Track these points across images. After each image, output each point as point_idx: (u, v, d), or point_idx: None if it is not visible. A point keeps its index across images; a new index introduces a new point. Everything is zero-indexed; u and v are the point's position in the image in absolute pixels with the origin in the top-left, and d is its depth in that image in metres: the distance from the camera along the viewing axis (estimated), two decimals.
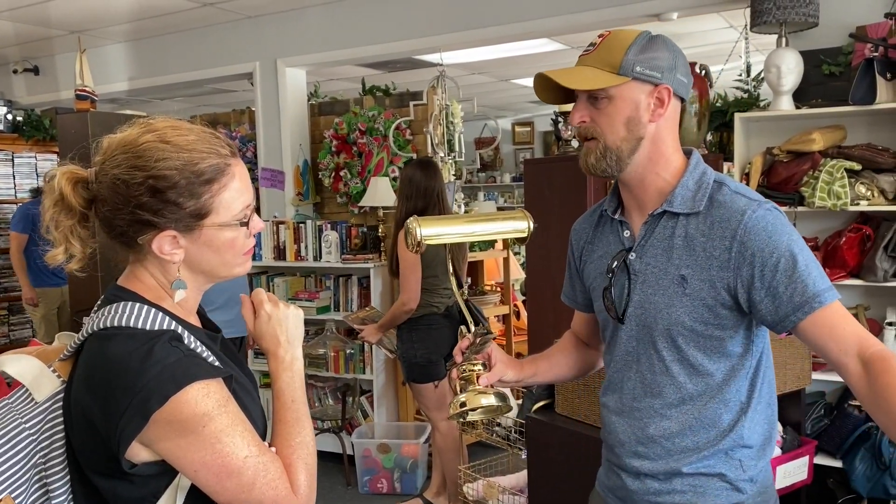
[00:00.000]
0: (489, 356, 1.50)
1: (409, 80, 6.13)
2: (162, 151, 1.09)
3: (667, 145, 1.38)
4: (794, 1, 3.06)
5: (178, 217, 1.10)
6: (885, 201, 3.00)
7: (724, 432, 1.38)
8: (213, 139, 1.15)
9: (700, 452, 1.38)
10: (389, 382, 4.61)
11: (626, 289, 1.41)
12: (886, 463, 2.94)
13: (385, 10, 4.58)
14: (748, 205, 1.32)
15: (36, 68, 6.12)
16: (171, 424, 1.03)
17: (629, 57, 1.33)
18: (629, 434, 1.44)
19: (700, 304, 1.34)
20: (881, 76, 2.92)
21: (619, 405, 1.47)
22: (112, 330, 1.07)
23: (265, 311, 1.23)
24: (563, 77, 1.37)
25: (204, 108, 8.08)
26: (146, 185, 1.08)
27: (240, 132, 5.37)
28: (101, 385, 1.04)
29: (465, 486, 3.00)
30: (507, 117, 10.65)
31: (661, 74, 1.34)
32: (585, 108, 1.38)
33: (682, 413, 1.39)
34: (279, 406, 1.19)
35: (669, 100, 1.36)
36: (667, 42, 1.38)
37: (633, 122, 1.35)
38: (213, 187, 1.12)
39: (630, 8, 3.80)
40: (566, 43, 5.82)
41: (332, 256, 4.64)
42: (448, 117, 4.52)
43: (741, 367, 1.38)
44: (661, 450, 1.41)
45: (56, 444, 1.09)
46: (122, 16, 5.00)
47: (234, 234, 1.15)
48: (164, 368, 1.03)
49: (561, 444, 2.44)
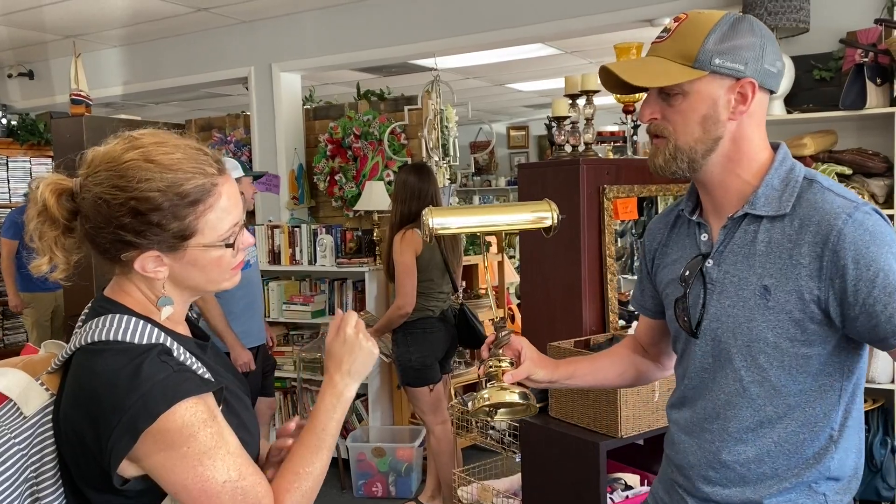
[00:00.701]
0: (519, 353, 1.41)
1: (404, 85, 6.15)
2: (145, 171, 1.06)
3: (751, 143, 1.23)
4: (786, 7, 3.09)
5: (161, 238, 1.08)
6: (877, 205, 3.02)
7: (810, 462, 1.23)
8: (200, 156, 1.11)
9: (781, 483, 1.24)
10: (384, 386, 4.62)
11: (701, 299, 1.27)
12: (878, 465, 2.96)
13: (380, 15, 4.60)
14: (844, 206, 1.16)
15: (31, 73, 6.12)
16: (156, 442, 1.02)
17: (708, 46, 1.17)
18: (699, 456, 1.31)
19: (785, 318, 1.19)
20: (871, 81, 2.94)
21: (690, 424, 1.33)
22: (100, 345, 1.06)
23: (346, 332, 1.21)
24: (629, 72, 1.24)
25: (199, 112, 8.08)
26: (128, 206, 1.06)
27: (235, 136, 5.38)
28: (90, 402, 1.03)
29: (459, 490, 3.01)
30: (502, 121, 10.68)
31: (745, 66, 1.18)
32: (656, 102, 1.23)
33: (759, 437, 1.24)
34: (308, 427, 1.17)
35: (754, 94, 1.20)
36: (753, 25, 1.20)
37: (711, 121, 1.20)
38: (199, 209, 1.09)
39: (623, 13, 3.82)
40: (560, 48, 5.84)
41: (327, 260, 4.64)
42: (443, 121, 4.53)
43: (831, 389, 1.22)
44: (736, 476, 1.26)
45: (47, 457, 1.08)
46: (116, 20, 5.01)
47: (220, 252, 1.13)
48: (153, 386, 1.02)
49: (555, 448, 2.45)
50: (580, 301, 2.82)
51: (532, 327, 3.00)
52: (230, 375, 1.24)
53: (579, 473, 2.35)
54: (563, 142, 3.09)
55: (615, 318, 2.86)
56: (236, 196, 1.15)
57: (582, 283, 2.81)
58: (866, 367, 1.29)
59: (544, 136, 9.51)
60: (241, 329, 3.59)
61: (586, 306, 2.83)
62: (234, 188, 1.15)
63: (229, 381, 1.21)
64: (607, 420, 2.33)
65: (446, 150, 4.54)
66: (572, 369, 1.50)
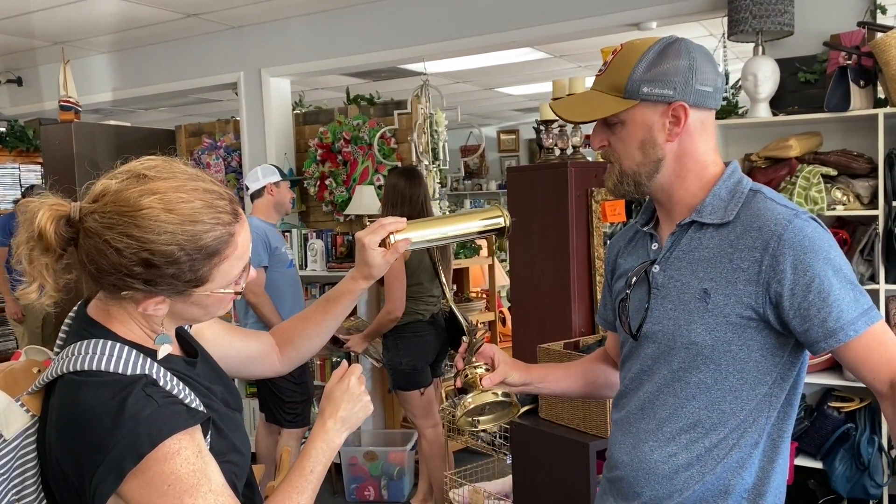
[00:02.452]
0: (492, 358, 1.44)
1: (394, 90, 6.17)
2: (164, 224, 1.02)
3: (695, 160, 1.28)
4: (770, 10, 3.12)
5: (172, 288, 1.06)
6: (861, 206, 3.05)
7: (734, 468, 1.26)
8: (217, 202, 1.07)
9: (705, 486, 1.27)
10: (376, 390, 4.62)
11: (645, 303, 1.32)
12: (865, 463, 2.99)
13: (369, 19, 4.61)
14: (785, 213, 1.21)
15: (19, 79, 6.11)
16: (137, 478, 1.00)
17: (635, 76, 1.23)
18: (633, 455, 1.34)
19: (723, 321, 1.22)
20: (855, 84, 2.98)
21: (625, 423, 1.38)
22: (84, 375, 1.03)
23: (349, 381, 1.24)
24: (566, 110, 1.32)
25: (189, 117, 8.07)
26: (140, 257, 1.02)
27: (225, 142, 5.38)
28: (73, 438, 1.01)
29: (451, 492, 3.02)
30: (493, 125, 10.70)
31: (674, 91, 1.23)
32: (602, 132, 1.30)
33: (691, 440, 1.28)
34: (296, 467, 1.18)
35: (687, 116, 1.24)
36: (681, 49, 1.25)
37: (649, 145, 1.26)
38: (215, 260, 1.07)
39: (610, 17, 3.85)
40: (549, 52, 5.87)
41: (318, 265, 4.65)
42: (432, 126, 4.55)
43: (766, 398, 1.25)
44: (664, 477, 1.30)
45: (28, 479, 1.06)
46: (105, 27, 5.00)
47: (225, 294, 1.12)
48: (136, 424, 0.99)
49: (545, 449, 2.47)
50: (569, 303, 2.84)
51: (522, 329, 3.02)
52: (220, 388, 1.22)
53: (570, 474, 2.37)
54: (552, 145, 3.11)
55: None
56: (248, 241, 1.13)
57: (571, 286, 2.83)
58: (803, 381, 1.31)
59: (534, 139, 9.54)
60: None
61: (575, 308, 2.85)
62: (247, 232, 1.13)
63: (220, 395, 1.20)
64: (597, 421, 2.35)
65: (436, 154, 4.56)
66: (544, 373, 1.54)
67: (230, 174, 5.32)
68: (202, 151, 5.43)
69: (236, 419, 1.21)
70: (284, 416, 3.74)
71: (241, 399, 1.30)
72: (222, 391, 1.22)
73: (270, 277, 3.71)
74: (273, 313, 3.65)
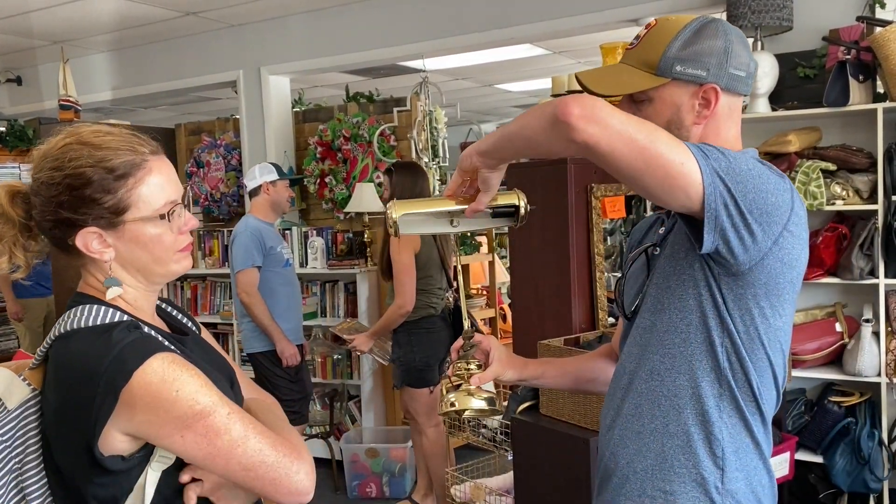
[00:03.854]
0: (487, 355, 1.44)
1: (393, 87, 6.17)
2: (77, 151, 1.13)
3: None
4: (769, 5, 3.12)
5: (97, 213, 1.13)
6: (860, 201, 3.06)
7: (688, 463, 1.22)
8: (133, 139, 1.17)
9: (671, 483, 1.23)
10: (377, 387, 4.63)
11: (642, 284, 1.30)
12: (866, 457, 2.99)
13: (368, 17, 4.61)
14: None
15: (19, 78, 6.11)
16: (143, 399, 1.04)
17: (669, 54, 1.20)
18: (607, 416, 1.36)
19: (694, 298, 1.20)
20: (854, 78, 2.98)
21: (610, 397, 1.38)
22: (72, 331, 1.11)
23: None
24: (594, 81, 1.27)
25: (188, 116, 8.07)
26: (63, 184, 1.12)
27: (224, 140, 5.38)
28: (69, 379, 1.07)
29: (452, 489, 3.03)
30: (492, 122, 10.70)
31: (707, 72, 1.20)
32: (628, 108, 1.25)
33: (652, 433, 1.25)
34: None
35: (717, 99, 1.21)
36: (719, 29, 1.21)
37: (675, 126, 1.22)
38: (129, 182, 1.14)
39: (609, 13, 3.85)
40: (548, 48, 5.87)
41: (318, 262, 4.66)
42: (432, 123, 4.55)
43: (712, 395, 1.21)
44: (629, 469, 1.27)
45: (30, 448, 1.11)
46: (104, 26, 5.00)
47: (160, 230, 1.17)
48: (122, 348, 1.06)
49: (546, 445, 2.47)
50: (569, 299, 2.84)
51: (522, 326, 3.02)
52: (212, 369, 1.23)
53: (570, 470, 2.37)
54: None
55: (604, 316, 2.89)
56: (171, 175, 1.20)
57: (571, 282, 2.83)
58: (771, 393, 1.25)
59: None
60: (285, 327, 3.73)
61: (575, 304, 2.85)
62: (168, 168, 1.20)
63: (210, 372, 1.21)
64: (598, 417, 2.35)
65: (436, 151, 4.56)
66: (542, 370, 1.52)
67: (230, 172, 5.32)
68: (202, 150, 5.43)
69: (227, 389, 1.21)
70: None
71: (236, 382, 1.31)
72: (211, 370, 1.23)
73: (265, 277, 3.71)
74: (264, 314, 3.65)
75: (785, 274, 1.18)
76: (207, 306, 5.27)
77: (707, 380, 1.21)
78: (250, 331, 3.75)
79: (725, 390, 1.21)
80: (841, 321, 3.18)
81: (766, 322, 1.20)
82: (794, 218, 1.16)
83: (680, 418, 1.22)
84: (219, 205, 5.36)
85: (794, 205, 1.16)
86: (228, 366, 1.33)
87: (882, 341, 3.03)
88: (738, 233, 1.11)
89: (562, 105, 1.05)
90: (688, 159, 1.07)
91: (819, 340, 3.14)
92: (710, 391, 1.21)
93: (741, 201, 1.10)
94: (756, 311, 1.19)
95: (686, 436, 1.22)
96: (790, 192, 1.16)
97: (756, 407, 1.23)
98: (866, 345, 3.02)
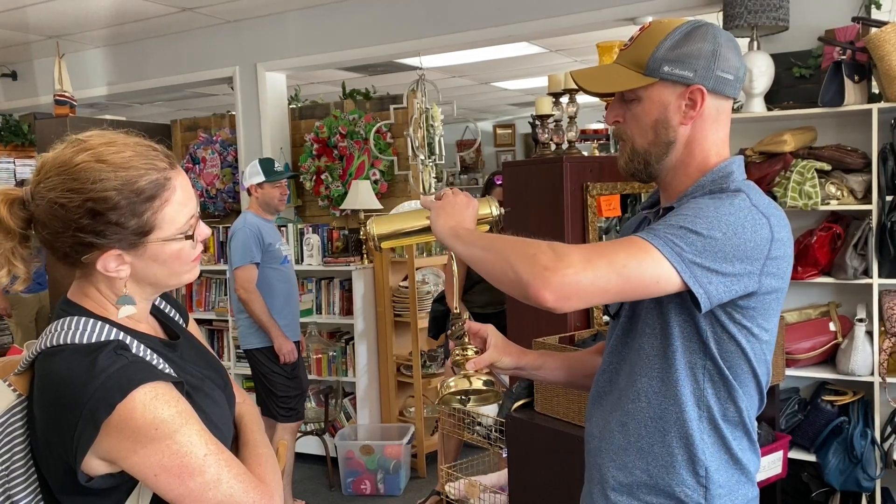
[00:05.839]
0: (484, 341, 1.46)
1: (390, 84, 6.17)
2: (98, 172, 1.07)
3: (702, 147, 1.27)
4: (765, 5, 3.13)
5: (121, 237, 1.09)
6: (855, 201, 3.07)
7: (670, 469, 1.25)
8: (150, 153, 1.12)
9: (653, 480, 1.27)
10: (372, 384, 4.63)
11: None
12: (858, 456, 3.01)
13: (365, 14, 4.61)
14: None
15: (14, 73, 6.09)
16: (122, 433, 1.02)
17: (658, 55, 1.23)
18: (597, 427, 1.37)
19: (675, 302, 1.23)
20: (849, 78, 2.99)
21: (595, 397, 1.40)
22: (58, 348, 1.07)
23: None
24: (587, 79, 1.31)
25: (184, 112, 8.06)
26: (85, 207, 1.07)
27: (220, 136, 5.38)
28: (51, 404, 1.04)
29: (447, 486, 3.03)
30: (489, 119, 10.70)
31: (695, 73, 1.22)
32: (619, 107, 1.30)
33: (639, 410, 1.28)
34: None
35: (703, 101, 1.24)
36: (708, 33, 1.24)
37: (662, 126, 1.26)
38: (155, 204, 1.10)
39: (606, 12, 3.86)
40: (545, 46, 5.87)
41: (314, 259, 4.66)
42: (428, 120, 4.55)
43: (691, 404, 1.24)
44: (623, 465, 1.30)
45: (16, 455, 1.09)
46: (100, 20, 4.99)
47: (180, 245, 1.14)
48: (108, 377, 1.02)
49: (540, 442, 2.48)
50: None
51: (518, 324, 3.03)
52: (206, 370, 1.24)
53: (565, 467, 2.38)
54: (547, 140, 3.12)
55: (599, 314, 2.90)
56: (188, 188, 1.17)
57: None
58: (754, 403, 1.28)
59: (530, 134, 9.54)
60: (282, 323, 3.74)
61: None
62: (185, 180, 1.17)
63: (204, 376, 1.21)
64: None
65: (432, 148, 4.56)
66: (541, 361, 1.54)
67: (225, 169, 5.31)
68: (198, 146, 5.42)
69: (214, 396, 1.21)
70: (278, 410, 3.75)
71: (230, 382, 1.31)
72: (205, 371, 1.23)
73: (263, 274, 3.71)
74: (263, 311, 3.65)
75: (772, 293, 1.22)
76: (202, 302, 5.26)
77: (690, 403, 1.24)
78: (247, 327, 3.75)
79: (705, 412, 1.25)
80: (835, 320, 3.19)
81: (753, 339, 1.24)
82: (776, 245, 1.20)
83: (664, 441, 1.26)
84: (214, 201, 5.36)
85: (773, 234, 1.19)
86: (221, 365, 1.31)
87: (875, 341, 3.04)
88: (728, 288, 1.16)
89: (533, 290, 1.11)
90: (661, 272, 1.13)
91: (813, 340, 3.16)
92: (693, 415, 1.24)
93: (725, 268, 1.14)
94: (741, 335, 1.22)
95: (670, 457, 1.25)
96: (766, 223, 1.19)
97: (739, 423, 1.27)
98: (860, 344, 3.03)
